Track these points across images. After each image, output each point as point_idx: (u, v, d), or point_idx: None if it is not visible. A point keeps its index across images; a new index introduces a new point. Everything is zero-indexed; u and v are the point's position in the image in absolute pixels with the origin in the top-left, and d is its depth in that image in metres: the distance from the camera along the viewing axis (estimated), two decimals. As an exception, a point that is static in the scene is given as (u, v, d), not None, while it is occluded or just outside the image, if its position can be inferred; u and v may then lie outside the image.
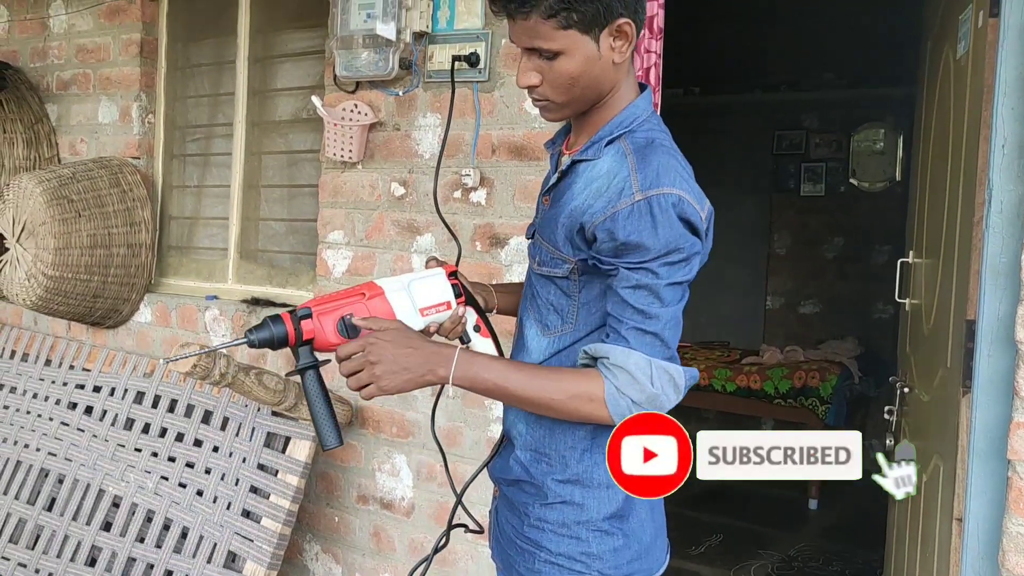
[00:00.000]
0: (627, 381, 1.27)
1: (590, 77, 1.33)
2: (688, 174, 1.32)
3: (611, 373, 1.28)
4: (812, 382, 4.79)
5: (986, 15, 1.93)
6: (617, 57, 1.33)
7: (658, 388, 1.28)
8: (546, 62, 1.33)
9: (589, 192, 1.34)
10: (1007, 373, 1.82)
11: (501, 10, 1.32)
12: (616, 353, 1.28)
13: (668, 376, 1.29)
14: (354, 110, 2.95)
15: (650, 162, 1.29)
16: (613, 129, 1.37)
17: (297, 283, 3.37)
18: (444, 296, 1.46)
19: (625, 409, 1.28)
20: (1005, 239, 1.84)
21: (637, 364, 1.27)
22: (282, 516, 2.79)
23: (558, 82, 1.34)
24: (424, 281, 1.45)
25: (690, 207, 1.27)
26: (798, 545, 4.20)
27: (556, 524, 1.41)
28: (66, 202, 3.31)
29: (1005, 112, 1.83)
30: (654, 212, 1.25)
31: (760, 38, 5.98)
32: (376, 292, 1.41)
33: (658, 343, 1.29)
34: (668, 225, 1.26)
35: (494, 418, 2.73)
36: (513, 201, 2.70)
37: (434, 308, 1.45)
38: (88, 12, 3.73)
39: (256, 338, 1.35)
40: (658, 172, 1.28)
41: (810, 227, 6.04)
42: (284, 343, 1.35)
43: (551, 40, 1.29)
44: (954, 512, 1.95)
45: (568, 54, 1.31)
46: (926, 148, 2.70)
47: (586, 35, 1.30)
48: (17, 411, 3.53)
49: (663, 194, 1.26)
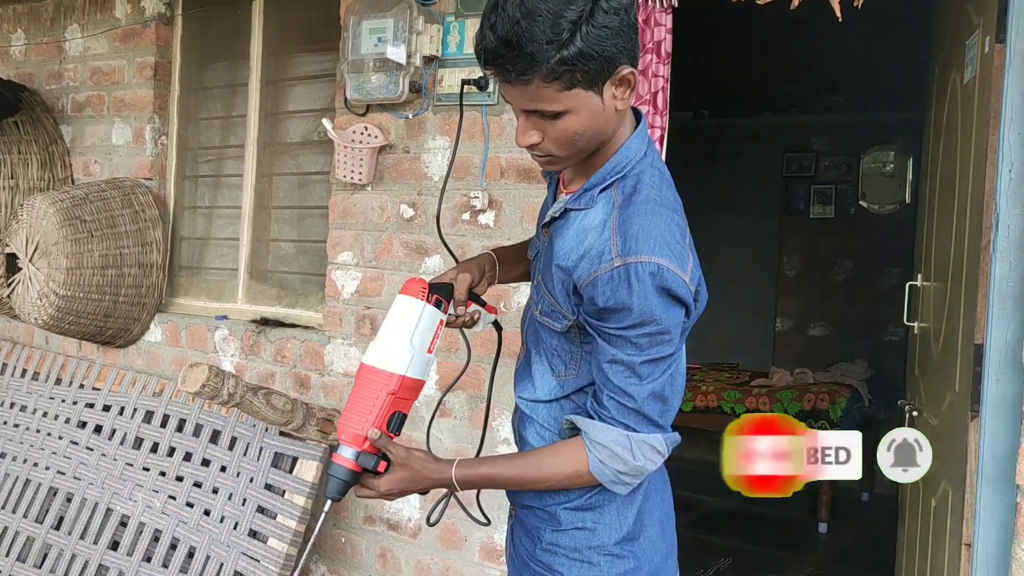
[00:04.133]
0: (608, 456, 1.30)
1: (595, 130, 1.29)
2: (672, 231, 1.27)
3: (593, 447, 1.31)
4: (822, 405, 4.77)
5: (992, 41, 1.94)
6: (620, 105, 1.29)
7: (640, 460, 1.30)
8: (549, 121, 1.27)
9: (581, 249, 1.31)
10: (1015, 398, 1.82)
11: (498, 76, 1.24)
12: (595, 430, 1.31)
13: (650, 447, 1.31)
14: (364, 132, 2.98)
15: (631, 224, 1.26)
16: (606, 176, 1.34)
17: (306, 304, 3.39)
18: (436, 322, 1.48)
19: (611, 477, 1.32)
20: (1012, 263, 1.84)
21: (616, 440, 1.30)
22: (289, 536, 2.79)
23: (562, 139, 1.28)
24: (419, 329, 1.44)
25: (671, 275, 1.24)
26: (807, 569, 4.16)
27: (568, 549, 1.41)
28: (79, 222, 3.34)
29: (1012, 137, 1.84)
30: (631, 281, 1.23)
31: (770, 61, 6.00)
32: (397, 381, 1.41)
33: (640, 417, 1.29)
34: (644, 296, 1.23)
35: (501, 440, 2.73)
36: (521, 223, 2.72)
37: (435, 338, 1.48)
38: (103, 35, 3.78)
39: (336, 493, 1.42)
40: (638, 237, 1.24)
41: (820, 249, 6.04)
42: (357, 478, 1.42)
43: (554, 102, 1.23)
44: (963, 537, 1.94)
45: (573, 113, 1.25)
46: (934, 172, 2.70)
47: (590, 91, 1.24)
48: (27, 430, 3.54)
49: (640, 262, 1.23)
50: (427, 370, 1.46)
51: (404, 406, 1.43)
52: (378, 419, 1.39)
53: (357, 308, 3.06)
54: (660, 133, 2.37)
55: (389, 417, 1.40)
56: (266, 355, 3.27)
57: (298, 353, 3.19)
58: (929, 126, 2.91)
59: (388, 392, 1.40)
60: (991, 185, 1.90)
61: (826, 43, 5.66)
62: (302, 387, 3.18)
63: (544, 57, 1.18)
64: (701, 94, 5.91)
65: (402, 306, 1.45)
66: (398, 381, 1.40)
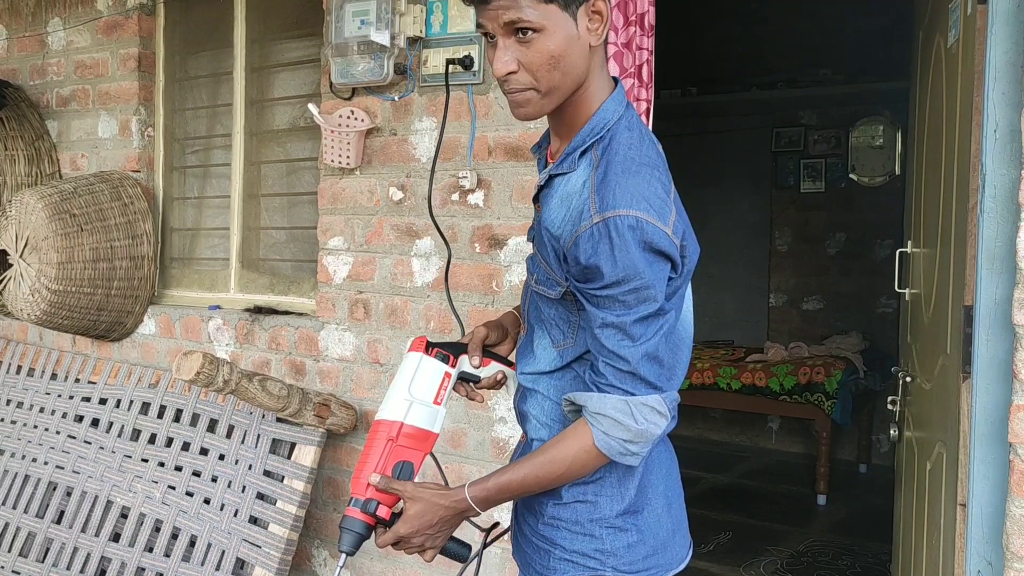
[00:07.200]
0: (611, 425, 1.29)
1: (570, 58, 1.30)
2: (652, 186, 1.28)
3: (595, 420, 1.30)
4: (817, 378, 4.79)
5: (975, 2, 1.94)
6: (594, 40, 1.31)
7: (643, 424, 1.29)
8: (524, 45, 1.28)
9: (565, 213, 1.32)
10: (1006, 357, 1.83)
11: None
12: (593, 401, 1.30)
13: (650, 408, 1.30)
14: (351, 116, 2.97)
15: (608, 181, 1.26)
16: (585, 138, 1.35)
17: (299, 291, 3.39)
18: (439, 373, 1.49)
19: (619, 447, 1.31)
20: (1000, 223, 1.84)
21: (615, 407, 1.29)
22: (289, 522, 2.80)
23: (538, 63, 1.28)
24: (416, 378, 1.47)
25: (651, 227, 1.24)
26: (807, 541, 4.19)
27: (570, 522, 1.42)
28: (68, 216, 3.33)
29: (996, 97, 1.84)
30: (611, 235, 1.23)
31: (756, 36, 6.00)
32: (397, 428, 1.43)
33: (636, 380, 1.29)
34: (625, 249, 1.23)
35: (497, 419, 2.73)
36: (511, 202, 2.72)
37: (441, 389, 1.48)
38: (85, 28, 3.76)
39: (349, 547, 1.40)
40: (615, 192, 1.24)
41: (811, 223, 6.04)
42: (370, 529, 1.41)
43: (533, 12, 1.25)
44: (958, 498, 1.95)
45: (548, 31, 1.27)
46: (922, 139, 2.70)
47: (565, 11, 1.27)
48: (24, 425, 3.54)
49: (619, 216, 1.23)
50: (434, 421, 1.46)
51: (410, 455, 1.42)
52: (379, 466, 1.40)
53: (350, 293, 3.06)
54: (646, 106, 2.37)
55: (394, 466, 1.40)
56: (261, 343, 3.27)
57: (292, 340, 3.19)
58: (915, 94, 2.91)
59: (387, 439, 1.41)
60: (977, 146, 1.90)
61: (812, 15, 5.68)
62: (298, 374, 3.18)
63: None
64: (688, 71, 5.90)
65: (404, 361, 1.49)
66: (397, 428, 1.42)
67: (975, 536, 1.88)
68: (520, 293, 2.69)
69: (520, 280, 2.71)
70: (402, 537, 1.38)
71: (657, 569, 1.43)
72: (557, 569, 1.42)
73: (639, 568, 1.41)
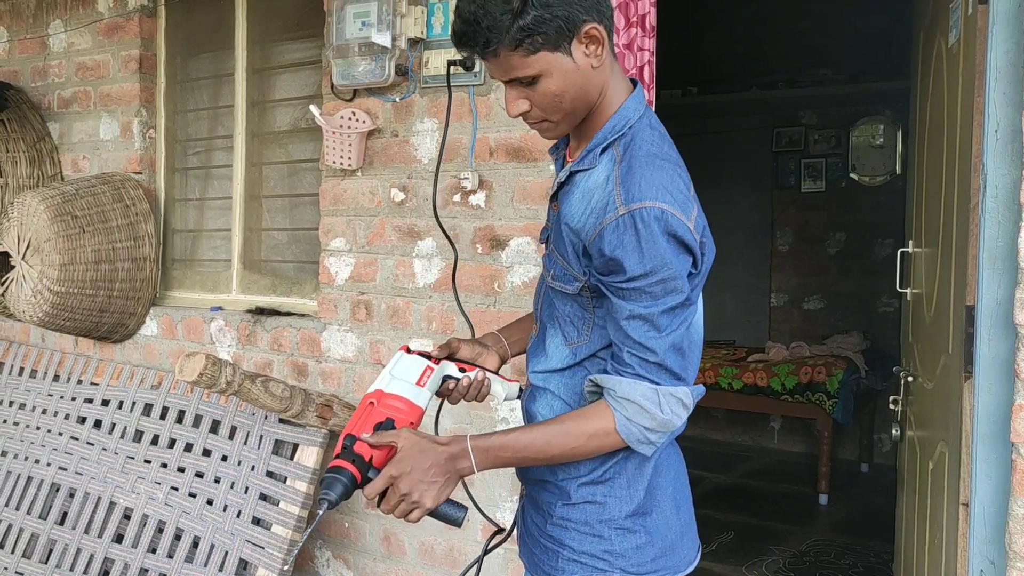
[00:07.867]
0: (636, 411, 1.30)
1: (575, 89, 1.34)
2: (675, 181, 1.30)
3: (619, 404, 1.31)
4: (819, 377, 4.79)
5: (976, 2, 1.94)
6: (595, 62, 1.34)
7: (668, 413, 1.31)
8: (529, 88, 1.34)
9: (588, 207, 1.34)
10: (1008, 356, 1.83)
11: (468, 53, 1.34)
12: (622, 385, 1.30)
13: (676, 399, 1.32)
14: (352, 118, 2.98)
15: (633, 173, 1.29)
16: (607, 135, 1.38)
17: (301, 292, 3.39)
18: (420, 366, 1.50)
19: (639, 435, 1.31)
20: (1001, 223, 1.85)
21: (644, 394, 1.30)
22: (292, 522, 2.80)
23: (546, 102, 1.35)
24: (398, 365, 1.49)
25: (675, 220, 1.26)
26: (809, 540, 4.19)
27: (579, 523, 1.42)
28: (70, 218, 3.34)
29: (997, 97, 1.84)
30: (637, 227, 1.26)
31: (756, 36, 6.00)
32: (376, 395, 1.43)
33: (662, 371, 1.30)
34: (652, 240, 1.25)
35: (499, 419, 2.74)
36: (512, 203, 2.72)
37: (424, 375, 1.49)
38: (87, 30, 3.76)
39: (334, 495, 1.30)
40: (640, 185, 1.27)
41: (812, 223, 6.05)
42: (355, 480, 1.32)
43: (525, 68, 1.31)
44: (960, 497, 1.95)
45: (546, 75, 1.32)
46: (923, 139, 2.71)
47: (556, 52, 1.30)
48: (27, 427, 3.55)
49: (645, 208, 1.26)
50: (417, 396, 1.44)
51: (393, 414, 1.39)
52: (360, 425, 1.37)
53: (352, 294, 3.07)
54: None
55: (376, 425, 1.37)
56: (263, 344, 3.28)
57: (294, 341, 3.20)
58: (916, 94, 2.91)
59: (368, 401, 1.42)
60: (978, 146, 1.90)
61: (812, 15, 5.68)
62: (300, 375, 3.18)
63: (502, 28, 1.26)
64: (688, 71, 5.90)
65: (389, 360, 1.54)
66: (378, 394, 1.42)
67: (977, 535, 1.88)
68: (521, 294, 2.70)
69: (522, 281, 2.71)
70: (393, 479, 1.30)
71: (665, 571, 1.44)
72: (565, 570, 1.43)
73: (647, 570, 1.42)
